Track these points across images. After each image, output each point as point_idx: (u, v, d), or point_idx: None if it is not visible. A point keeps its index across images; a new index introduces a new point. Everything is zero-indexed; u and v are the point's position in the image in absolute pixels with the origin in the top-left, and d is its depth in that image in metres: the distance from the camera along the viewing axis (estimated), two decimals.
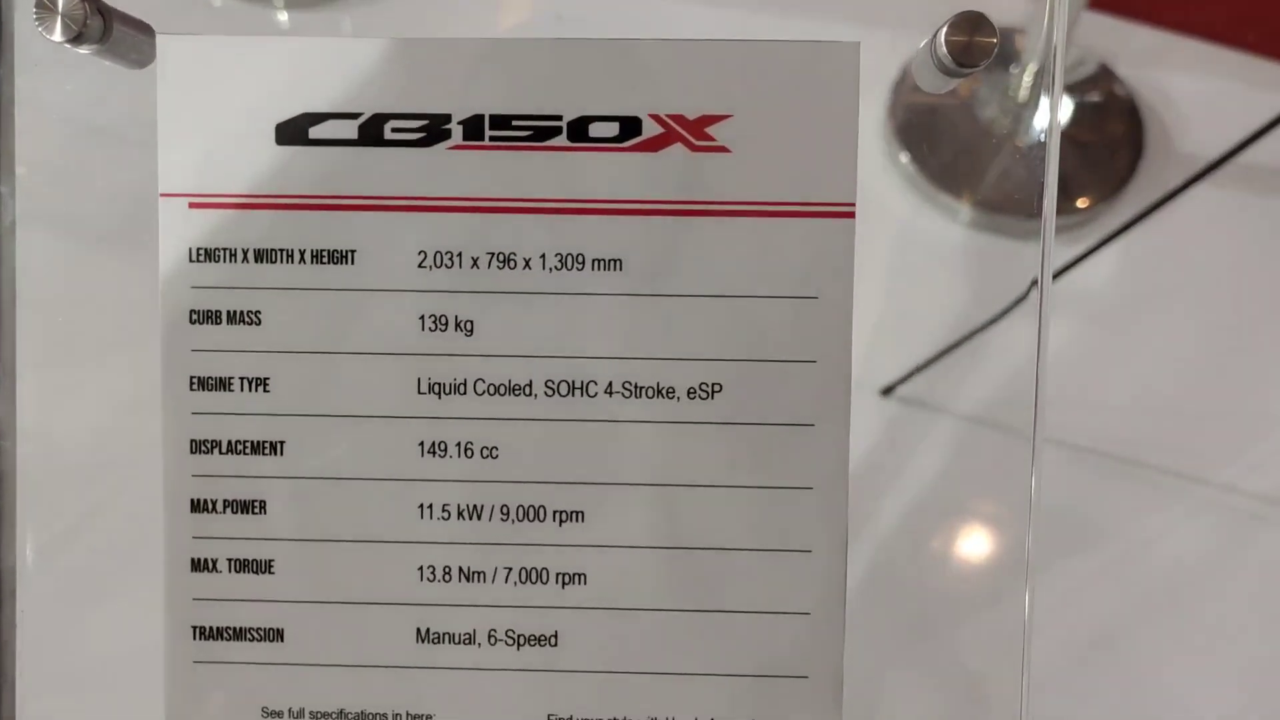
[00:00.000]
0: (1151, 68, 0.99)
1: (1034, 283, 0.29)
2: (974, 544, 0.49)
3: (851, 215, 0.25)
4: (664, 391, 0.26)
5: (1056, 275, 0.80)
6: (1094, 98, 0.98)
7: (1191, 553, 0.83)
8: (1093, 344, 0.89)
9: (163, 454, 0.26)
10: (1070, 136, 0.96)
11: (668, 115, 0.25)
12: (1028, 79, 0.90)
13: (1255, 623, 0.81)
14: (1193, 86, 0.98)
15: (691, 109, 0.25)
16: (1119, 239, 0.80)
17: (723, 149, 0.25)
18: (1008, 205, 0.88)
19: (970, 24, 0.24)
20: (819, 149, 0.25)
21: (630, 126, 0.25)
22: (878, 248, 0.76)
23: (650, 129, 0.25)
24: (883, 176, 0.88)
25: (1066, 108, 0.96)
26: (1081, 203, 0.93)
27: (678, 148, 0.25)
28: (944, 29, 0.24)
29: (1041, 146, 0.29)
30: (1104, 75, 0.98)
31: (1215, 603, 0.82)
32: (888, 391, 0.82)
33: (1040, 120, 0.96)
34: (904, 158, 0.91)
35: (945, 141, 0.94)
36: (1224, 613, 0.81)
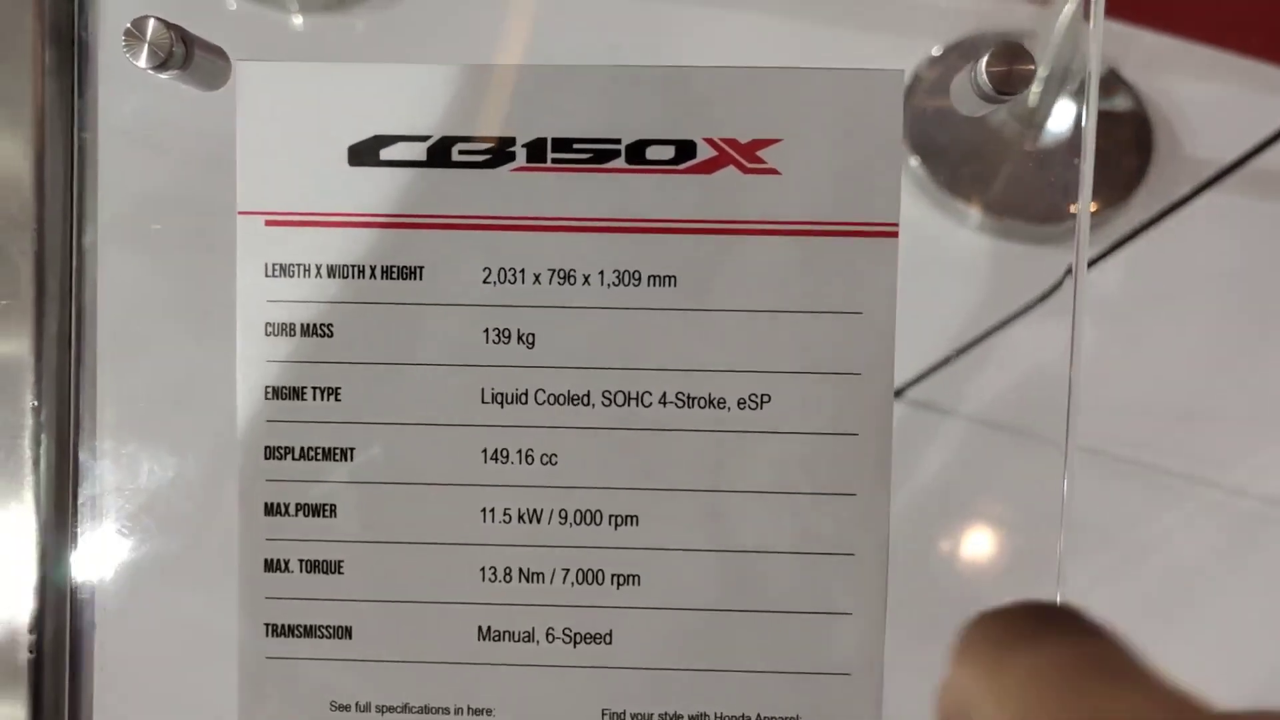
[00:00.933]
0: (1159, 73, 0.99)
1: (1068, 271, 0.30)
2: (991, 546, 0.50)
3: (895, 234, 0.27)
4: (715, 402, 0.27)
5: (1063, 280, 0.81)
6: (1102, 103, 0.99)
7: (1199, 554, 0.84)
8: (1102, 347, 0.90)
9: (239, 460, 0.27)
10: (1076, 141, 0.97)
11: (721, 139, 0.27)
12: (1038, 85, 0.91)
13: (1262, 625, 0.82)
14: (1200, 92, 0.99)
15: (743, 133, 0.27)
16: (1129, 243, 0.81)
17: (773, 171, 0.27)
18: (1018, 210, 0.89)
19: (1010, 54, 0.26)
20: (864, 171, 0.27)
21: (685, 149, 0.27)
22: None
23: (704, 152, 0.27)
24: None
25: (1072, 112, 0.97)
26: (1090, 207, 0.94)
27: (730, 170, 0.27)
28: (984, 59, 0.26)
29: (1057, 150, 0.30)
30: (1112, 80, 0.99)
31: (1222, 604, 0.82)
32: (898, 394, 0.83)
33: (1055, 124, 0.97)
34: (914, 162, 0.92)
35: (956, 146, 0.95)
36: (1231, 614, 0.82)
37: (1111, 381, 0.89)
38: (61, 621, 0.28)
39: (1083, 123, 0.30)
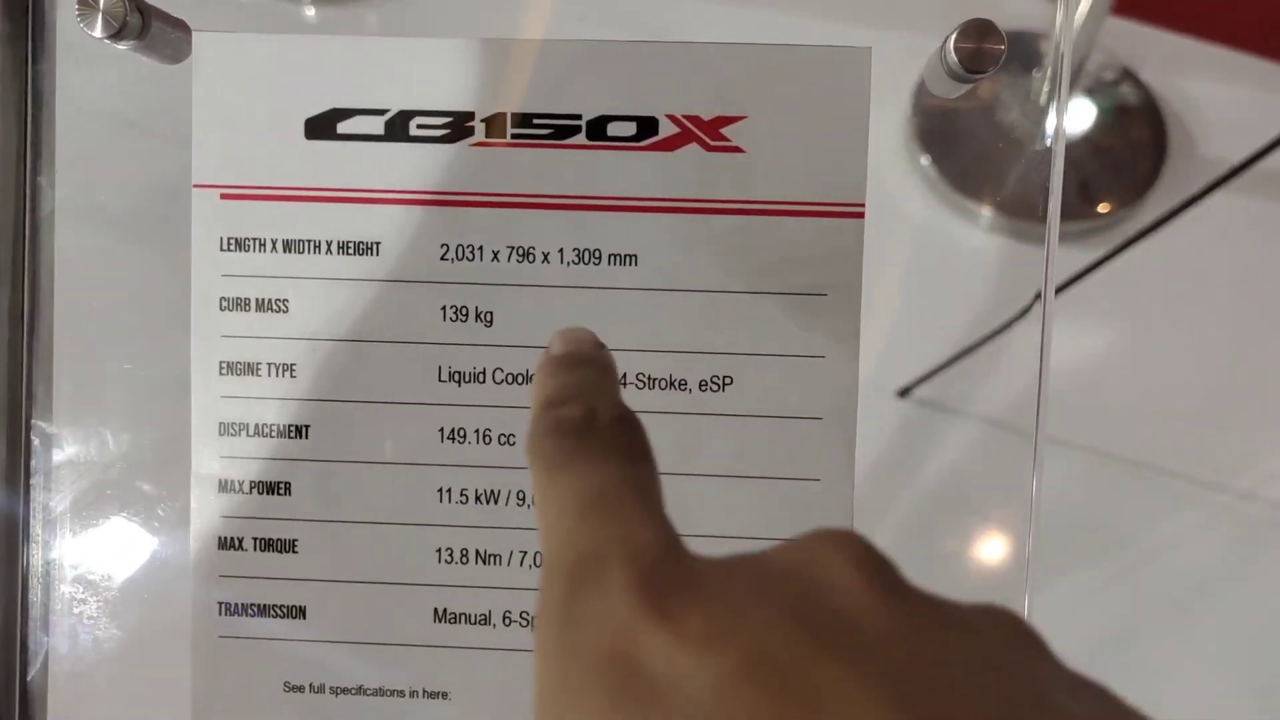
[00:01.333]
0: (1175, 73, 0.98)
1: (1037, 295, 0.29)
2: (987, 545, 0.49)
3: (861, 215, 0.26)
4: (676, 383, 0.27)
5: (1076, 279, 0.80)
6: (1116, 103, 0.98)
7: (1208, 559, 0.83)
8: (1113, 348, 0.89)
9: (192, 436, 0.27)
10: (1092, 142, 0.96)
11: (684, 116, 0.26)
12: (1048, 82, 0.90)
13: (1270, 628, 0.81)
14: (1216, 92, 0.98)
15: (707, 110, 0.26)
16: (1140, 244, 0.80)
17: (737, 149, 0.26)
18: (1027, 209, 0.88)
19: (979, 31, 0.25)
20: (831, 150, 0.26)
21: (647, 126, 0.26)
22: (897, 250, 0.76)
23: (667, 129, 0.26)
24: (903, 179, 0.88)
25: (1088, 113, 0.96)
26: (1103, 208, 0.93)
27: (693, 147, 0.26)
28: (953, 36, 0.25)
29: (1069, 150, 0.29)
30: (1127, 80, 0.98)
31: (1231, 607, 0.82)
32: (904, 393, 0.83)
33: (1067, 123, 0.96)
34: (924, 160, 0.91)
35: (966, 145, 0.94)
36: (1239, 617, 0.82)
37: (1122, 384, 0.88)
38: (11, 601, 0.27)
39: (1049, 138, 0.30)
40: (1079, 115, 0.94)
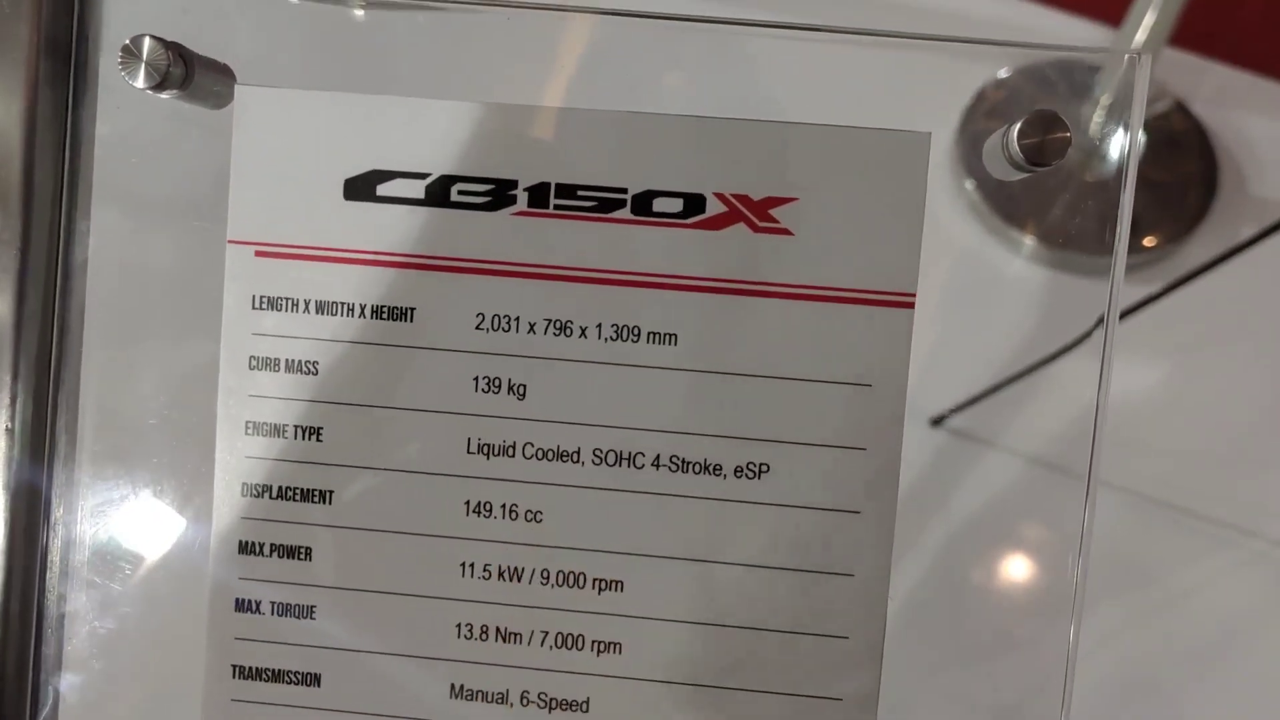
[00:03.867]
0: (1228, 107, 0.97)
1: (1100, 320, 0.28)
2: (1016, 579, 0.48)
3: (912, 305, 0.25)
4: (711, 468, 0.26)
5: (1122, 316, 0.79)
6: (1167, 135, 0.96)
7: (1238, 604, 0.82)
8: (1149, 387, 0.88)
9: (215, 494, 0.26)
10: (1141, 174, 0.94)
11: (732, 195, 0.25)
12: (1100, 114, 0.89)
13: None
14: (1270, 128, 0.97)
15: (757, 190, 0.25)
16: (1186, 284, 0.79)
17: (785, 231, 0.25)
18: (1073, 240, 0.87)
19: (1044, 123, 0.24)
20: (883, 237, 0.25)
21: (694, 203, 0.25)
22: (938, 275, 0.75)
23: (714, 207, 0.25)
24: (947, 203, 0.87)
25: (1138, 143, 0.95)
26: (1148, 241, 0.91)
27: (740, 227, 0.25)
28: (1016, 126, 0.24)
29: (1115, 182, 0.29)
30: (1178, 112, 0.96)
31: (1260, 656, 0.81)
32: (938, 422, 0.82)
33: (1113, 156, 0.94)
34: (969, 185, 0.90)
35: None
36: (1268, 667, 0.81)
37: (1158, 424, 0.87)
38: (24, 651, 0.27)
39: (1125, 172, 0.29)
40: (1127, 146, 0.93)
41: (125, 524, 0.28)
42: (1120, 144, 0.28)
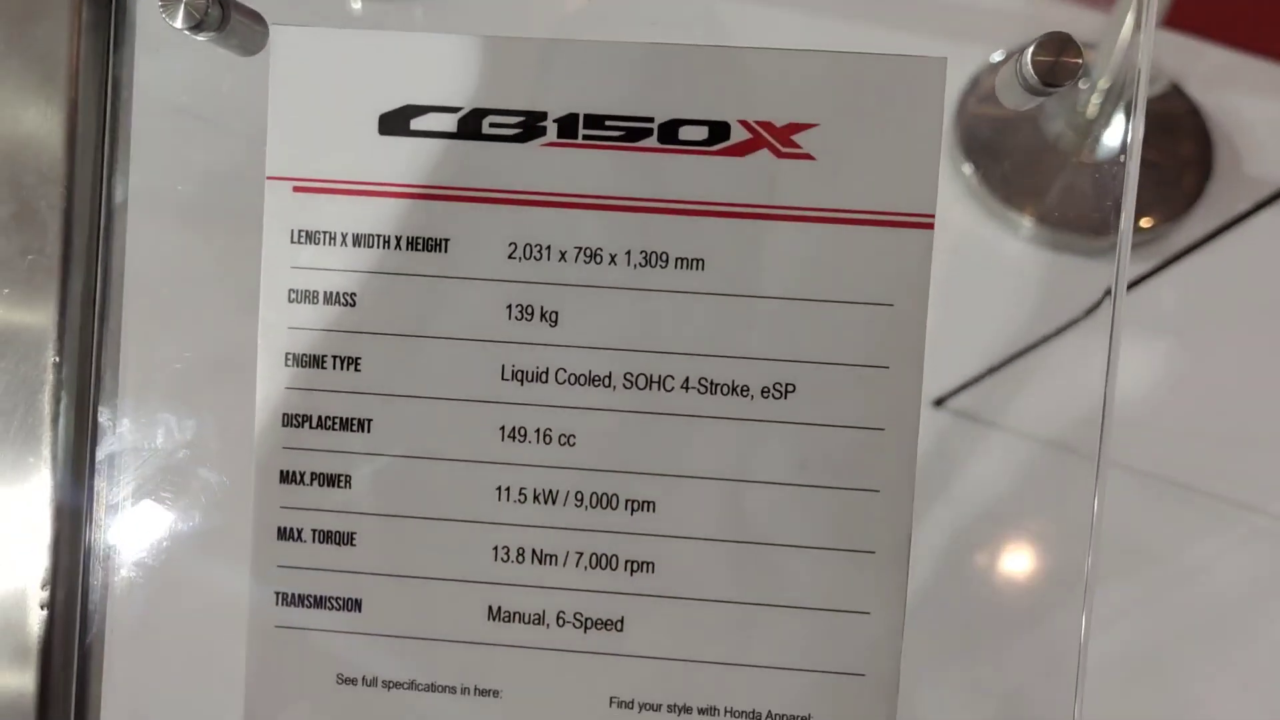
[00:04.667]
0: (1223, 88, 0.98)
1: (1107, 292, 0.29)
2: (1020, 559, 0.49)
3: (931, 226, 0.26)
4: (739, 389, 0.27)
5: (1101, 301, 0.80)
6: (1162, 116, 0.97)
7: (1242, 581, 0.83)
8: (1151, 366, 0.89)
9: (256, 425, 0.27)
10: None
11: (756, 122, 0.26)
12: (1097, 96, 0.90)
13: None
14: (1265, 108, 0.97)
15: (779, 116, 0.26)
16: (1184, 261, 0.80)
17: (807, 156, 0.26)
18: (1071, 222, 0.88)
19: (1057, 44, 0.25)
20: (902, 160, 0.26)
21: (719, 131, 0.26)
22: (937, 258, 0.76)
23: (738, 134, 0.26)
24: (945, 187, 0.87)
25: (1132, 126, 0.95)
26: (1145, 222, 0.92)
27: (764, 153, 0.26)
28: (1030, 49, 0.25)
29: (1112, 163, 0.29)
30: (1174, 94, 0.97)
31: (1265, 632, 0.81)
32: (940, 403, 0.83)
33: (1112, 136, 0.95)
34: (967, 169, 0.91)
35: (1010, 155, 0.94)
36: (1273, 640, 0.81)
37: (1159, 402, 0.87)
38: (74, 581, 0.28)
39: (1127, 141, 0.29)
40: (1123, 128, 0.94)
41: (168, 456, 0.29)
42: (1118, 124, 0.29)
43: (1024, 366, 0.81)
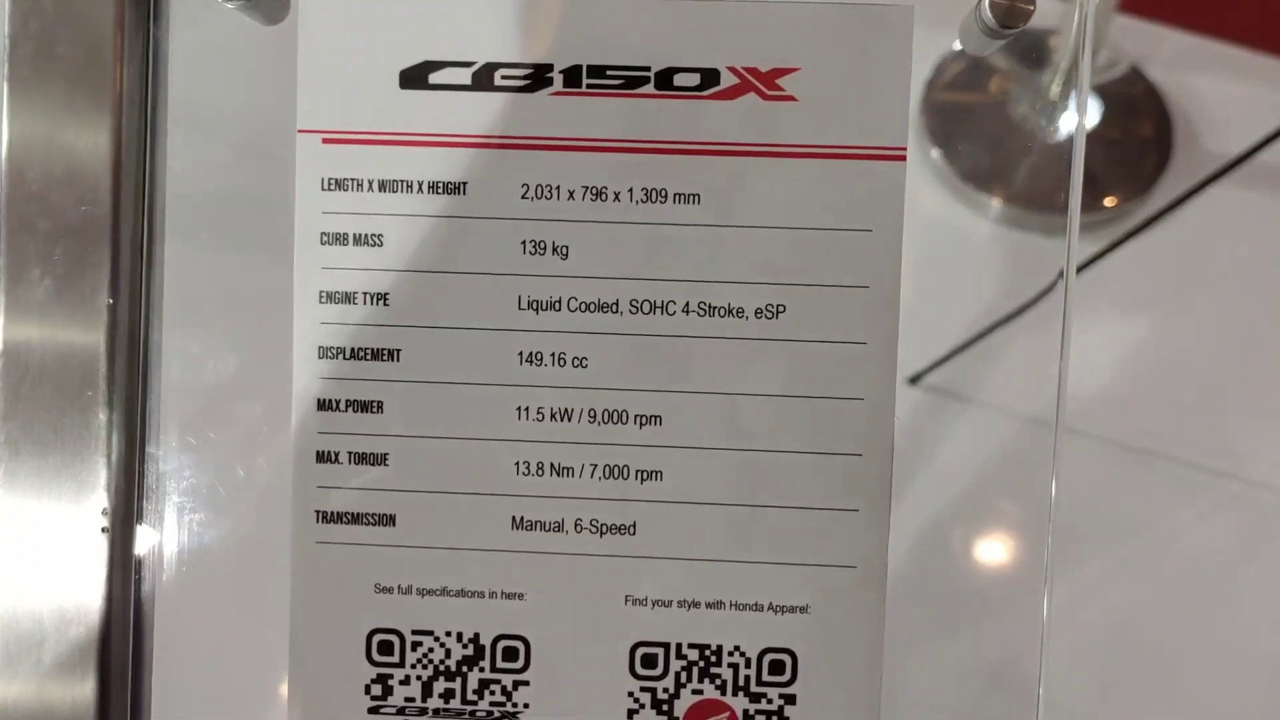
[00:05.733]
0: (1181, 70, 1.00)
1: (1060, 274, 0.32)
2: (998, 534, 0.51)
3: (903, 158, 0.29)
4: (734, 311, 0.29)
5: (1081, 269, 0.82)
6: (1123, 98, 1.00)
7: (1218, 547, 0.85)
8: (1122, 338, 0.91)
9: (294, 358, 0.30)
10: (1099, 136, 0.98)
11: (743, 68, 0.29)
12: (1058, 78, 0.92)
13: (1278, 618, 0.83)
14: (1222, 89, 1.00)
15: (764, 62, 0.29)
16: (1149, 234, 0.82)
17: (790, 98, 0.29)
18: (1037, 202, 0.91)
19: None
20: (875, 99, 0.29)
21: (710, 77, 0.29)
22: (908, 241, 0.78)
23: (727, 79, 0.29)
24: (915, 171, 0.90)
25: (1096, 108, 0.98)
26: (1109, 201, 0.95)
27: (751, 96, 0.29)
28: None
29: (1068, 144, 0.32)
30: (1134, 77, 1.00)
31: (1240, 597, 0.83)
32: (915, 380, 0.85)
33: (1072, 119, 0.98)
34: (935, 154, 0.94)
35: (976, 139, 0.97)
36: (1249, 607, 0.83)
37: (1130, 373, 0.90)
38: (130, 509, 0.30)
39: (1061, 132, 0.32)
40: (1086, 111, 0.97)
41: (213, 390, 0.31)
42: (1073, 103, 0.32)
43: (993, 343, 0.83)
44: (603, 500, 0.30)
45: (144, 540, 0.30)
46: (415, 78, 0.29)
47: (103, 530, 0.29)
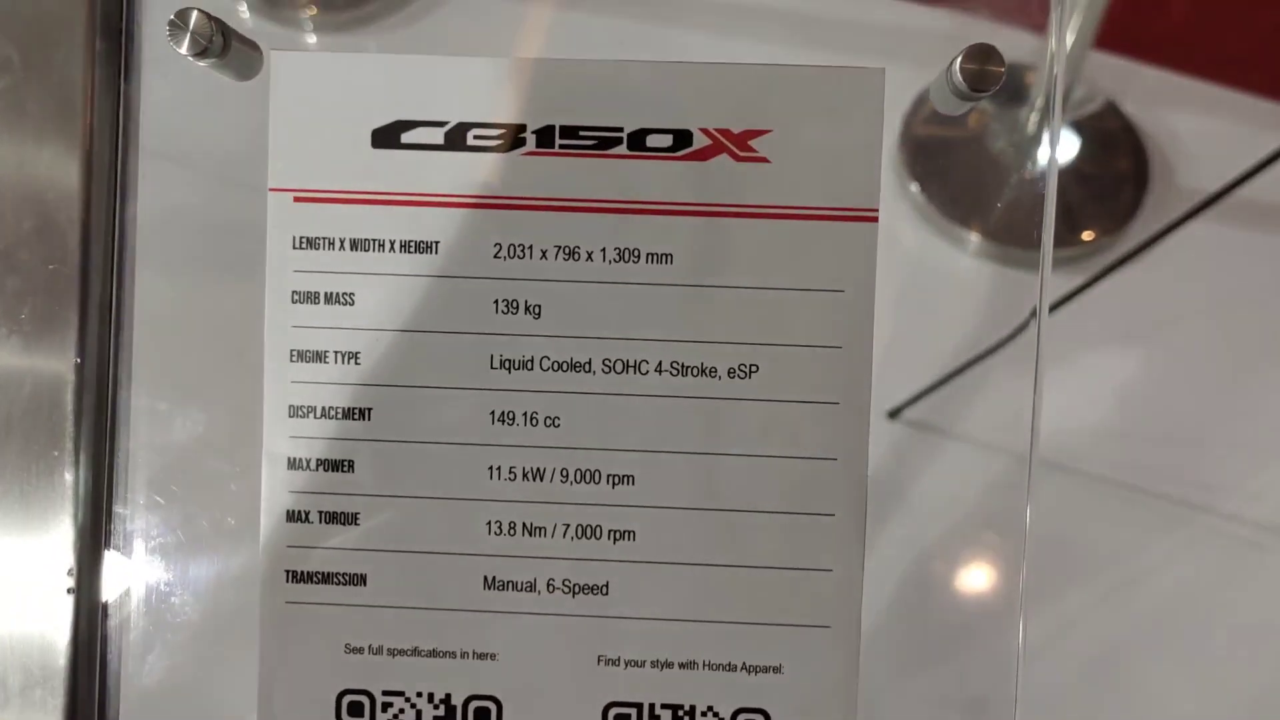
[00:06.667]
0: (1157, 106, 1.01)
1: (1033, 313, 0.32)
2: (978, 566, 0.51)
3: (875, 219, 0.29)
4: (707, 371, 0.29)
5: (1057, 305, 0.82)
6: (1100, 134, 1.00)
7: (1194, 580, 0.85)
8: (1099, 372, 0.91)
9: (264, 417, 0.29)
10: (1076, 171, 0.99)
11: (715, 129, 0.29)
12: (1035, 114, 0.93)
13: (1255, 650, 0.83)
14: (1197, 125, 1.01)
15: (736, 124, 0.29)
16: (1125, 269, 0.82)
17: (763, 159, 0.29)
18: (1015, 236, 0.91)
19: (982, 54, 0.28)
20: (847, 161, 0.29)
21: (682, 138, 0.29)
22: (888, 275, 0.78)
23: (700, 141, 0.29)
24: (894, 206, 0.90)
25: (1073, 143, 0.99)
26: (1086, 236, 0.95)
27: (723, 158, 0.29)
28: (958, 58, 0.28)
29: (1043, 179, 0.32)
30: (1110, 112, 1.01)
31: (1217, 629, 0.83)
32: (895, 414, 0.85)
33: (1048, 153, 0.98)
34: (914, 188, 0.94)
35: (955, 173, 0.97)
36: (1226, 639, 0.83)
37: (1108, 408, 0.90)
38: (96, 570, 0.30)
39: (1038, 166, 0.32)
40: (1064, 145, 0.97)
41: (182, 448, 0.31)
42: (1060, 140, 0.32)
43: (976, 376, 0.83)
44: (575, 560, 0.30)
45: (110, 600, 0.30)
46: (387, 137, 0.29)
47: (68, 591, 0.29)
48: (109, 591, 0.30)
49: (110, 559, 0.30)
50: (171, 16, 0.28)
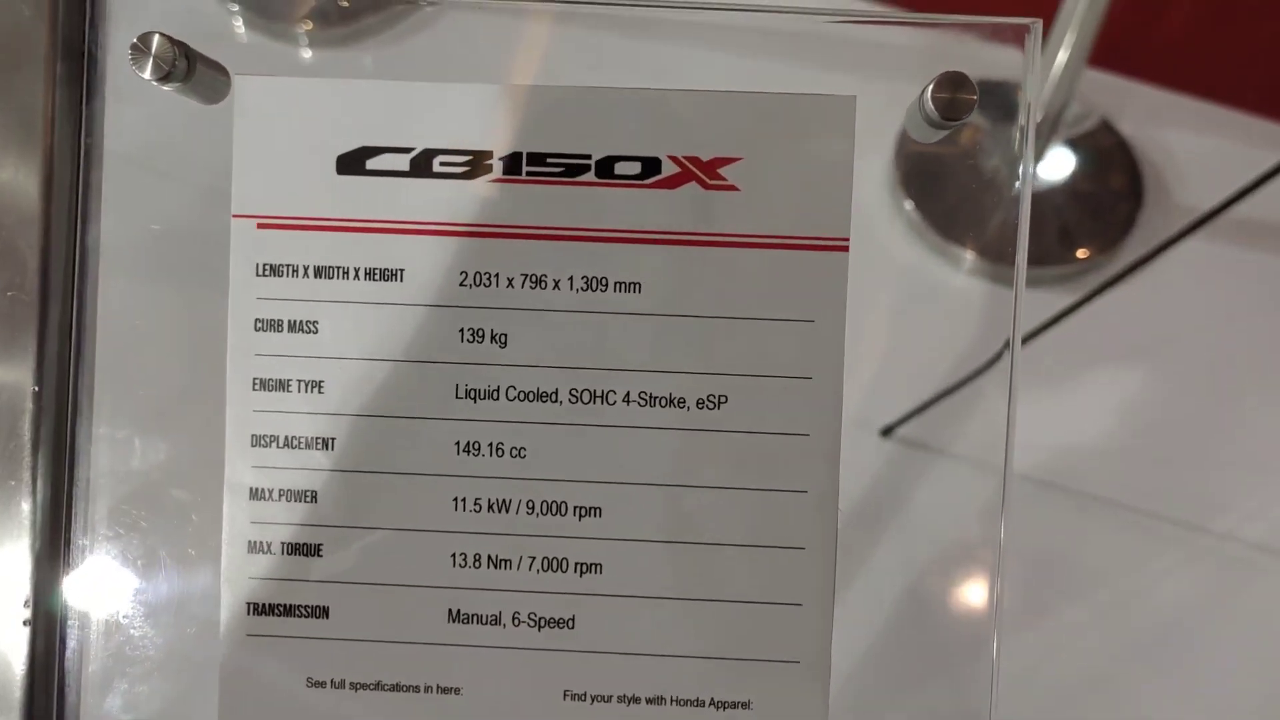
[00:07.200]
0: (1152, 124, 1.01)
1: (1006, 344, 0.32)
2: (970, 585, 0.51)
3: (845, 249, 0.29)
4: (676, 401, 0.29)
5: (1050, 323, 0.82)
6: (1094, 152, 1.00)
7: (1189, 599, 0.85)
8: (1093, 391, 0.91)
9: (226, 447, 0.29)
10: (1071, 189, 0.98)
11: (684, 157, 0.29)
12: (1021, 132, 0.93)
13: (1251, 669, 0.82)
14: (1191, 143, 1.01)
15: (705, 151, 0.29)
16: (1119, 287, 0.82)
17: (732, 187, 0.29)
18: (1009, 254, 0.90)
19: (953, 83, 0.28)
20: (818, 189, 0.28)
21: (651, 166, 0.29)
22: (882, 293, 0.78)
23: (669, 168, 0.29)
24: (887, 224, 0.90)
25: (1068, 161, 0.99)
26: (1081, 253, 0.95)
27: (692, 185, 0.29)
28: (930, 87, 0.28)
29: (1045, 194, 0.32)
30: (1105, 130, 1.01)
31: (1211, 649, 0.83)
32: (888, 432, 0.85)
33: (1046, 170, 0.98)
34: (908, 206, 0.94)
35: (948, 191, 0.97)
36: (1220, 659, 0.83)
37: (1102, 426, 0.89)
38: (56, 599, 0.29)
39: (1019, 185, 0.32)
40: (1058, 163, 0.97)
41: (143, 477, 0.30)
42: (1050, 158, 0.32)
43: (970, 394, 0.83)
44: (541, 593, 0.29)
45: (68, 632, 0.29)
46: (352, 163, 0.29)
47: (24, 622, 0.28)
48: (67, 623, 0.30)
49: (68, 589, 0.30)
50: (134, 40, 0.27)
